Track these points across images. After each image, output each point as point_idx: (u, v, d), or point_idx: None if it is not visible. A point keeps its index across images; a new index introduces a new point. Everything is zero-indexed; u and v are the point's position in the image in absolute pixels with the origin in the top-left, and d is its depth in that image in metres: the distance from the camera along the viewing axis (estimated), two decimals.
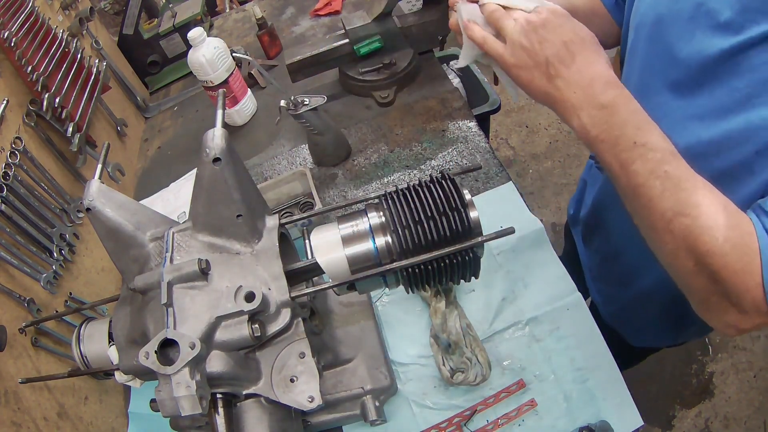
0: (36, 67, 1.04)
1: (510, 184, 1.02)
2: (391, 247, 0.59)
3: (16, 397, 0.76)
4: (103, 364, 0.70)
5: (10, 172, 0.88)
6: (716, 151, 0.64)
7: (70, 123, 1.09)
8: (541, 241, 0.93)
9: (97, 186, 0.68)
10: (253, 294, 0.59)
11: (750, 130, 0.60)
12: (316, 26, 1.64)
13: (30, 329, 0.83)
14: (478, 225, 0.58)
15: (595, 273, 1.11)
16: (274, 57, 1.55)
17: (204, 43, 1.22)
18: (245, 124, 1.39)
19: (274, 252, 0.64)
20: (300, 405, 0.63)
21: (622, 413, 0.76)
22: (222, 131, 0.62)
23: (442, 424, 0.79)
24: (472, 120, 1.17)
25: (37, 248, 0.90)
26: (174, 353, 0.56)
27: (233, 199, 0.63)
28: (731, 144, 0.63)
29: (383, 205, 0.61)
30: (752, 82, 0.59)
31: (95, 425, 0.89)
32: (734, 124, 0.62)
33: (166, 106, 1.59)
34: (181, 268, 0.61)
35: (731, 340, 2.03)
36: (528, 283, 0.89)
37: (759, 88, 0.59)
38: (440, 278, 0.61)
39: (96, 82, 1.24)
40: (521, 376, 0.80)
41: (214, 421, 0.60)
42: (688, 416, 1.89)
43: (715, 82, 0.63)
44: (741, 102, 0.61)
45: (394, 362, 0.84)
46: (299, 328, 0.65)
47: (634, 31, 0.75)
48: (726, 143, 0.63)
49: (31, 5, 1.08)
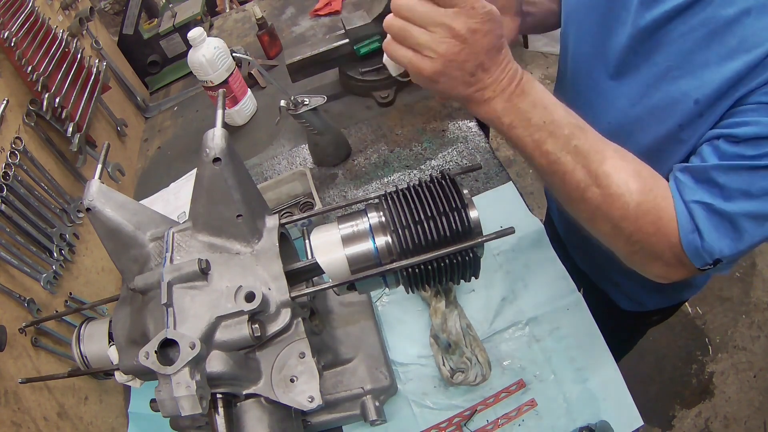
0: (36, 67, 1.04)
1: (510, 184, 1.02)
2: (391, 247, 0.59)
3: (16, 397, 0.76)
4: (103, 364, 0.70)
5: (10, 172, 0.88)
6: (642, 127, 0.67)
7: (70, 123, 1.09)
8: (541, 241, 0.93)
9: (97, 186, 0.68)
10: (253, 294, 0.59)
11: (671, 105, 0.63)
12: (316, 26, 1.64)
13: (30, 329, 0.83)
14: (478, 225, 0.58)
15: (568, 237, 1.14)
16: (274, 57, 1.55)
17: (204, 43, 1.22)
18: (245, 124, 1.39)
19: (274, 252, 0.64)
20: (300, 405, 0.63)
21: (622, 413, 0.76)
22: (222, 131, 0.62)
23: (442, 424, 0.79)
24: (472, 120, 1.17)
25: (37, 248, 0.90)
26: (174, 353, 0.56)
27: (233, 199, 0.63)
28: (654, 120, 0.65)
29: (383, 205, 0.61)
30: (670, 55, 0.61)
31: (95, 425, 0.89)
32: (656, 100, 0.64)
33: (166, 106, 1.59)
34: (181, 268, 0.61)
35: (731, 340, 2.03)
36: (528, 283, 0.89)
37: (678, 60, 0.61)
38: (440, 278, 0.61)
39: (96, 82, 1.24)
40: (521, 376, 0.80)
41: (214, 421, 0.60)
42: (688, 416, 1.89)
43: (639, 59, 0.65)
44: (661, 76, 0.63)
45: (394, 362, 0.84)
46: (299, 328, 0.65)
47: (565, 17, 0.80)
48: (650, 119, 0.66)
49: (31, 5, 1.08)
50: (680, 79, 0.61)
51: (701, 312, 2.13)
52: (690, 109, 0.61)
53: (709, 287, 2.16)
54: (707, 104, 0.59)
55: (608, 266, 1.01)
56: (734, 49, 0.56)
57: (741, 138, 0.55)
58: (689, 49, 0.60)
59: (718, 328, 2.08)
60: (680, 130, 0.63)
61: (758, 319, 2.07)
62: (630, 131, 0.68)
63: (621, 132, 0.65)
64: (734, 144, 0.56)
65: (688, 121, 0.62)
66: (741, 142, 0.56)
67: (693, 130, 0.62)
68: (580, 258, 1.11)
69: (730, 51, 0.56)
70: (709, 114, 0.60)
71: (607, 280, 1.08)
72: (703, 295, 2.16)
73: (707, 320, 2.11)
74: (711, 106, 0.59)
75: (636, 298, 1.07)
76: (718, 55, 0.57)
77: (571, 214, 0.66)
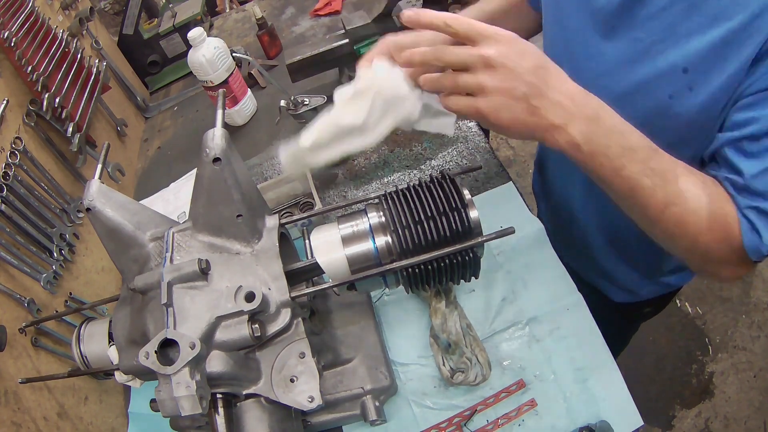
0: (36, 67, 1.04)
1: (510, 184, 1.02)
2: (391, 247, 0.59)
3: (16, 397, 0.76)
4: (103, 364, 0.70)
5: (10, 172, 0.88)
6: (633, 100, 0.67)
7: (70, 123, 1.09)
8: (541, 241, 0.93)
9: (97, 186, 0.68)
10: (253, 294, 0.59)
11: (660, 77, 0.64)
12: (316, 26, 1.64)
13: (30, 329, 0.83)
14: (478, 225, 0.58)
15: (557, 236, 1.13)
16: (274, 57, 1.55)
17: (204, 43, 1.22)
18: (245, 124, 1.39)
19: (274, 252, 0.64)
20: (300, 405, 0.63)
21: (622, 413, 0.76)
22: (222, 131, 0.62)
23: (442, 424, 0.79)
24: (472, 120, 1.17)
25: (37, 248, 0.90)
26: (174, 353, 0.56)
27: (233, 199, 0.63)
28: (644, 92, 0.67)
29: (383, 205, 0.61)
30: (653, 31, 0.63)
31: (95, 425, 0.89)
32: (644, 74, 0.66)
33: (166, 106, 1.59)
34: (181, 268, 0.61)
35: (731, 340, 2.03)
36: (528, 283, 0.89)
37: (661, 34, 0.62)
38: (440, 278, 0.61)
39: (96, 82, 1.24)
40: (521, 376, 0.80)
41: (214, 421, 0.60)
42: (688, 416, 1.89)
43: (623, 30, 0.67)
44: (645, 51, 0.65)
45: (394, 362, 0.84)
46: (299, 328, 0.65)
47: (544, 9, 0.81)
48: (640, 92, 0.67)
49: (31, 5, 1.08)
50: (666, 51, 0.63)
51: (701, 312, 2.13)
52: (680, 78, 0.62)
53: (709, 287, 2.16)
54: (696, 72, 0.61)
55: (601, 258, 1.02)
56: (715, 17, 0.58)
57: (760, 134, 0.57)
58: (671, 23, 0.61)
59: (718, 328, 2.08)
60: (671, 100, 0.64)
61: (758, 319, 2.07)
62: (621, 106, 0.66)
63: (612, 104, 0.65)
64: (756, 141, 0.58)
65: (679, 92, 0.63)
66: (763, 137, 0.57)
67: (684, 100, 0.63)
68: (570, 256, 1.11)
69: (711, 19, 0.58)
70: (699, 87, 0.61)
71: (599, 273, 1.08)
72: (703, 295, 2.16)
73: (707, 320, 2.11)
74: (700, 75, 0.61)
75: (629, 287, 1.07)
76: (700, 24, 0.59)
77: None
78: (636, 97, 0.67)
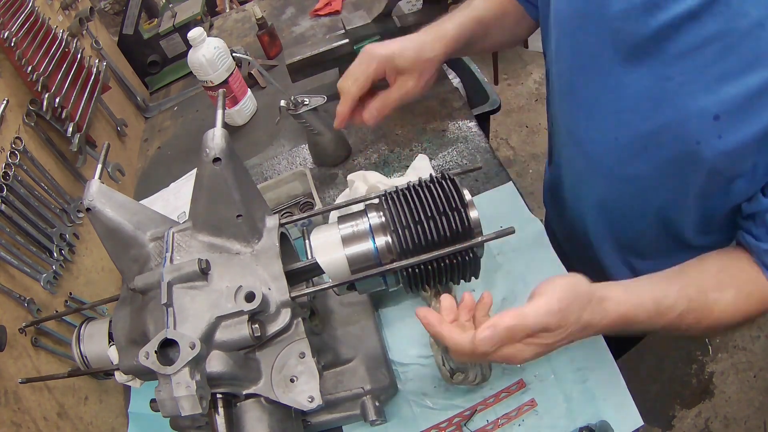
0: (36, 67, 1.04)
1: (510, 184, 1.02)
2: (391, 247, 0.59)
3: (16, 397, 0.76)
4: (103, 364, 0.70)
5: (10, 172, 0.88)
6: (659, 143, 0.65)
7: (70, 123, 1.09)
8: (541, 241, 0.93)
9: (97, 186, 0.68)
10: (253, 294, 0.59)
11: (687, 120, 0.60)
12: (316, 26, 1.64)
13: (30, 329, 0.83)
14: (478, 225, 0.58)
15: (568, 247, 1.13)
16: (274, 57, 1.55)
17: (204, 43, 1.22)
18: (245, 124, 1.39)
19: (274, 252, 0.64)
20: (300, 405, 0.63)
21: (622, 413, 0.76)
22: (222, 131, 0.62)
23: (442, 424, 0.79)
24: (472, 120, 1.17)
25: (37, 248, 0.90)
26: (174, 353, 0.56)
27: (233, 199, 0.63)
28: (671, 136, 0.64)
29: (383, 205, 0.61)
30: (685, 70, 0.58)
31: (95, 425, 0.89)
32: (671, 115, 0.62)
33: (166, 106, 1.59)
34: (181, 268, 0.61)
35: (731, 340, 2.03)
36: (528, 283, 0.89)
37: (693, 74, 0.58)
38: (440, 278, 0.61)
39: (96, 82, 1.24)
40: (521, 376, 0.80)
41: (214, 421, 0.60)
42: (688, 416, 1.89)
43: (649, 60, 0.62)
44: (675, 91, 0.61)
45: (394, 362, 0.84)
46: (299, 328, 0.65)
47: (555, 28, 0.75)
48: (666, 135, 0.64)
49: (31, 5, 1.08)
50: (696, 94, 0.58)
51: None
52: (710, 125, 0.58)
53: None
54: (728, 121, 0.57)
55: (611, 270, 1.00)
56: (752, 62, 0.53)
57: None
58: (703, 64, 0.56)
59: None
60: (698, 146, 0.61)
61: (758, 319, 2.07)
62: (645, 146, 0.66)
63: (635, 146, 0.64)
64: None
65: (706, 139, 0.59)
66: None
67: (712, 148, 0.59)
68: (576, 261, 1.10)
69: (747, 64, 0.54)
70: (729, 135, 0.57)
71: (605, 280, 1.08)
72: None
73: None
74: (732, 124, 0.57)
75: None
76: (735, 68, 0.55)
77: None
78: (661, 139, 0.64)
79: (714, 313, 0.63)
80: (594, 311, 0.59)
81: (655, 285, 0.64)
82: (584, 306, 0.59)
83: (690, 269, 0.67)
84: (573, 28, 0.70)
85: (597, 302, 0.59)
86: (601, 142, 0.65)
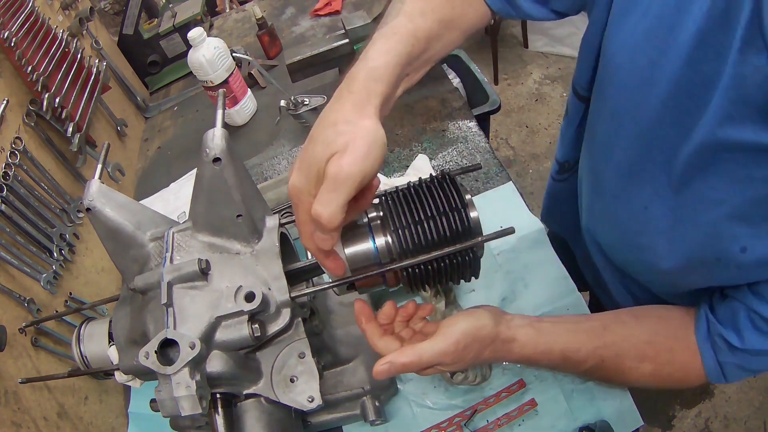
0: (36, 67, 1.04)
1: (510, 184, 1.02)
2: (391, 247, 0.59)
3: (16, 397, 0.76)
4: (103, 364, 0.70)
5: (10, 172, 0.88)
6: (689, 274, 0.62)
7: (70, 123, 1.09)
8: (541, 241, 0.93)
9: (97, 186, 0.68)
10: (253, 294, 0.59)
11: (715, 240, 0.54)
12: (316, 26, 1.64)
13: (30, 329, 0.83)
14: (478, 225, 0.57)
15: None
16: (274, 57, 1.55)
17: (204, 43, 1.22)
18: (245, 124, 1.39)
19: (274, 252, 0.64)
20: (300, 405, 0.63)
21: (622, 413, 0.76)
22: (222, 131, 0.62)
23: (442, 424, 0.79)
24: (472, 120, 1.17)
25: (37, 248, 0.90)
26: (174, 353, 0.56)
27: (233, 199, 0.63)
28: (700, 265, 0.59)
29: (383, 205, 0.61)
30: (735, 191, 0.50)
31: (95, 425, 0.89)
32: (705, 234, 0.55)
33: (166, 106, 1.59)
34: (181, 268, 0.61)
35: None
36: (528, 283, 0.89)
37: (740, 200, 0.50)
38: (440, 278, 0.61)
39: (96, 82, 1.24)
40: (521, 376, 0.80)
41: (214, 421, 0.60)
42: (688, 416, 1.89)
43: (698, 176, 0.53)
44: (714, 204, 0.53)
45: None
46: (299, 328, 0.65)
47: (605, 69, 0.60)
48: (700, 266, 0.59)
49: (31, 5, 1.08)
50: (734, 220, 0.51)
51: None
52: (733, 254, 0.53)
53: None
54: (756, 261, 0.51)
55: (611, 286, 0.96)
56: None
57: None
58: (762, 198, 0.48)
59: None
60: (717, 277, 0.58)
61: None
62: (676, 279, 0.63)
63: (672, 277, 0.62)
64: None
65: (725, 265, 0.55)
66: None
67: (728, 277, 0.57)
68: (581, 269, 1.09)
69: None
70: (749, 271, 0.54)
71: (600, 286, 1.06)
72: None
73: None
74: (759, 265, 0.52)
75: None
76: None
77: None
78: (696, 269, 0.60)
79: (625, 377, 0.65)
80: (497, 350, 0.62)
81: (572, 336, 0.63)
82: (485, 346, 0.61)
83: (618, 327, 0.64)
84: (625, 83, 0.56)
85: (501, 342, 0.61)
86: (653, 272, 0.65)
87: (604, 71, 0.60)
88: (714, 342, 0.60)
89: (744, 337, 0.57)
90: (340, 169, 0.46)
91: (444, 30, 0.65)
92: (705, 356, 0.61)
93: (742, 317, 0.57)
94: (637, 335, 0.64)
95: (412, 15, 0.61)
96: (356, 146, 0.48)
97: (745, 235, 0.51)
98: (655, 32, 0.50)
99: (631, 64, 0.53)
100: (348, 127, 0.49)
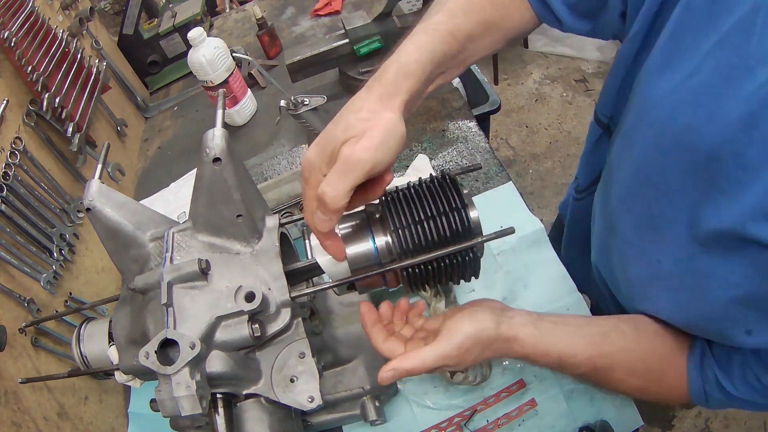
0: (36, 67, 1.04)
1: (510, 184, 1.02)
2: (391, 247, 0.59)
3: (16, 397, 0.76)
4: (103, 364, 0.70)
5: (10, 172, 0.88)
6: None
7: (70, 123, 1.09)
8: (541, 241, 0.93)
9: (97, 186, 0.68)
10: (253, 294, 0.59)
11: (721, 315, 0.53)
12: (316, 26, 1.64)
13: (30, 329, 0.83)
14: (478, 225, 0.57)
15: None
16: (274, 57, 1.55)
17: (204, 43, 1.22)
18: (245, 124, 1.39)
19: (274, 252, 0.64)
20: (300, 405, 0.63)
21: (622, 413, 0.76)
22: (222, 131, 0.62)
23: (442, 424, 0.79)
24: (472, 120, 1.17)
25: (37, 248, 0.90)
26: (174, 353, 0.56)
27: (233, 199, 0.63)
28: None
29: (383, 205, 0.61)
30: (752, 276, 0.48)
31: (95, 425, 0.89)
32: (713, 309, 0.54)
33: (166, 106, 1.59)
34: (181, 268, 0.61)
35: None
36: (528, 283, 0.89)
37: (755, 285, 0.48)
38: (440, 278, 0.61)
39: (96, 82, 1.24)
40: (521, 376, 0.80)
41: (214, 421, 0.60)
42: (688, 416, 1.89)
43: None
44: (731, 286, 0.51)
45: None
46: (299, 328, 0.65)
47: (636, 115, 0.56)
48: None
49: (31, 5, 1.08)
50: (746, 305, 0.49)
51: None
52: (736, 334, 0.52)
53: None
54: (758, 344, 0.52)
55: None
56: None
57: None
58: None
59: None
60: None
61: None
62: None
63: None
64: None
65: (727, 338, 0.55)
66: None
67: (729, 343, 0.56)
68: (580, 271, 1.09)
69: None
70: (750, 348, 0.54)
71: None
72: None
73: None
74: (760, 346, 0.52)
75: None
76: None
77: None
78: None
79: (613, 386, 0.65)
80: (497, 348, 0.62)
81: (571, 340, 0.63)
82: (487, 347, 0.61)
83: (617, 338, 0.64)
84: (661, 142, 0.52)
85: (502, 341, 0.61)
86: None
87: (636, 118, 0.55)
88: (705, 373, 0.61)
89: (735, 386, 0.57)
90: (353, 153, 0.47)
91: (485, 31, 0.63)
92: (693, 383, 0.61)
93: (736, 366, 0.57)
94: (633, 350, 0.64)
95: (454, 13, 0.60)
96: (373, 134, 0.49)
97: (753, 319, 0.50)
98: (701, 100, 0.46)
99: (671, 123, 0.49)
100: (370, 116, 0.50)
